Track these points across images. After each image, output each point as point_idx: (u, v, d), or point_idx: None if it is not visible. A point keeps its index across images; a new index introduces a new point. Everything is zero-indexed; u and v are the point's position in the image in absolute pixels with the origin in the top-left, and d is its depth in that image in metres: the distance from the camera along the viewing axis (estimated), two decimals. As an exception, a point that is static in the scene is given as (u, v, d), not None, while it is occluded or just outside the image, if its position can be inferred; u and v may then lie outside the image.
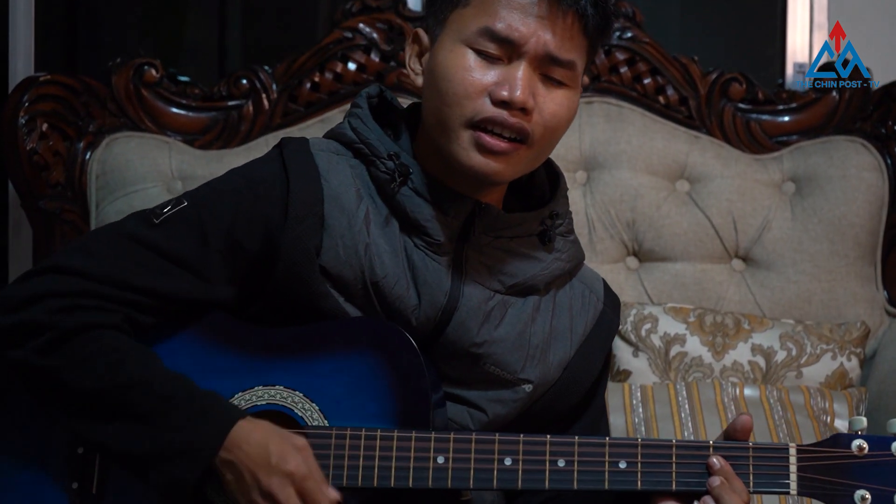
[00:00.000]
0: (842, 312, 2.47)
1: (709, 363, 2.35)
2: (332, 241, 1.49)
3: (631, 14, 2.57)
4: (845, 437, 1.43)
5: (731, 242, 2.50)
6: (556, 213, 1.58)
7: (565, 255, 1.60)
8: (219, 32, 3.12)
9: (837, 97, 2.54)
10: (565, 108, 1.50)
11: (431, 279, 1.50)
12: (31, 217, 2.48)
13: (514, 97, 1.45)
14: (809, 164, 2.51)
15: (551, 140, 1.52)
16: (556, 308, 1.59)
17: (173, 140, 2.50)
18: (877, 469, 1.41)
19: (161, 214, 1.50)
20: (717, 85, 2.55)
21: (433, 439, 1.42)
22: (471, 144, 1.47)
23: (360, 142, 1.53)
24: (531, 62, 1.47)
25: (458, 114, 1.47)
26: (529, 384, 1.56)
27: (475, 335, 1.52)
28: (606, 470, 1.42)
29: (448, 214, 1.51)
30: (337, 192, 1.50)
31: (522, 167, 1.51)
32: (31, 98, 2.42)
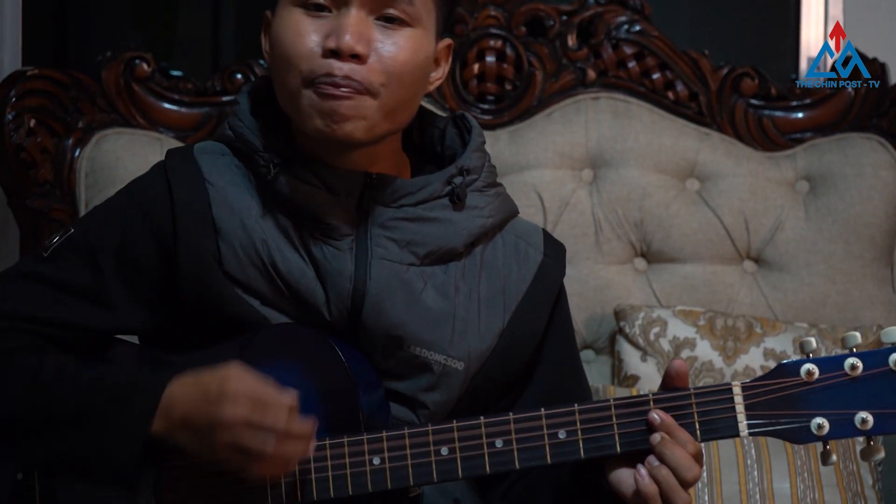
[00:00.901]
0: (857, 315, 2.45)
1: (720, 368, 2.34)
2: (228, 244, 1.46)
3: (639, 7, 2.55)
4: (792, 365, 1.35)
5: (743, 243, 2.48)
6: (465, 168, 1.51)
7: (486, 209, 1.53)
8: (212, 25, 3.12)
9: (853, 93, 2.52)
10: (407, 49, 1.44)
11: (332, 267, 1.46)
12: (17, 216, 2.47)
13: (340, 44, 1.40)
14: (824, 162, 2.49)
15: (400, 87, 1.44)
16: (483, 270, 1.53)
17: (165, 136, 2.49)
18: (830, 392, 1.34)
19: (49, 247, 1.49)
20: (729, 80, 2.53)
21: (365, 441, 1.39)
22: (314, 108, 1.42)
23: (236, 139, 1.50)
24: (362, 5, 1.43)
25: (296, 76, 1.43)
26: (460, 362, 1.49)
27: (391, 315, 1.47)
28: (546, 444, 1.38)
29: (339, 194, 1.46)
30: (224, 193, 1.48)
31: (380, 121, 1.44)
32: (18, 93, 2.40)
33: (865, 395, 1.33)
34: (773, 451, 2.19)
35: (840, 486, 2.19)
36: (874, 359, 1.34)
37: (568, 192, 2.46)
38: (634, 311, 2.37)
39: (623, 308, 2.39)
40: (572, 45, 2.52)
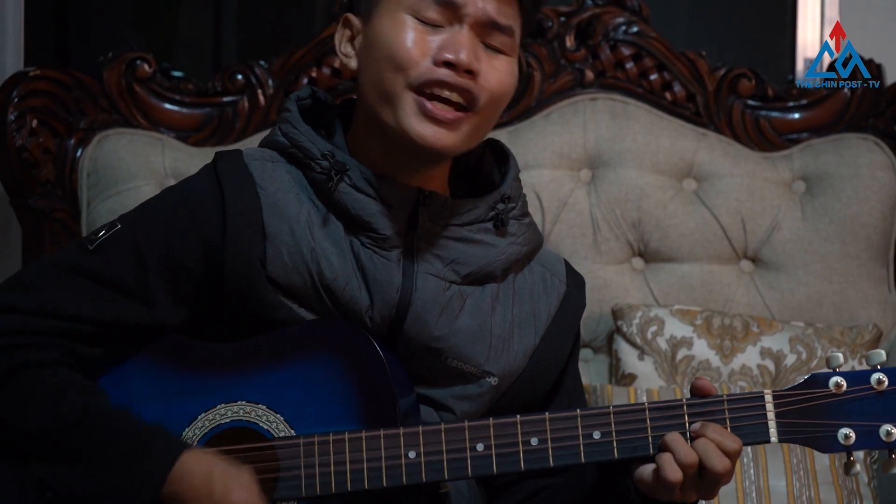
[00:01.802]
0: (853, 315, 2.45)
1: (717, 367, 2.33)
2: (276, 249, 1.47)
3: (637, 8, 2.55)
4: (821, 376, 1.39)
5: (740, 243, 2.47)
6: (507, 196, 1.56)
7: (521, 238, 1.57)
8: (214, 26, 3.13)
9: (849, 94, 2.53)
10: (508, 75, 1.51)
11: (381, 276, 1.48)
12: (20, 216, 2.47)
13: (459, 59, 1.45)
14: (820, 162, 2.49)
15: (496, 109, 1.52)
16: (516, 295, 1.57)
17: (166, 137, 2.49)
18: (857, 405, 1.38)
19: (95, 240, 1.48)
20: (726, 81, 2.53)
21: (402, 435, 1.40)
22: (415, 111, 1.47)
23: (292, 146, 1.52)
24: (473, 27, 1.48)
25: (402, 78, 1.46)
26: (494, 377, 1.54)
27: (433, 328, 1.50)
28: (581, 443, 1.40)
29: (392, 206, 1.49)
30: (275, 199, 1.49)
31: (468, 138, 1.50)
32: (20, 94, 2.40)
33: (891, 408, 1.38)
34: (770, 449, 2.20)
35: (836, 485, 2.19)
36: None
37: (566, 192, 2.45)
38: (632, 310, 2.37)
39: (621, 307, 2.39)
40: (570, 46, 2.52)
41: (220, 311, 1.48)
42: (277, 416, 1.45)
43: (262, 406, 1.45)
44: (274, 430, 1.44)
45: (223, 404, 1.46)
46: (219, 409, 1.46)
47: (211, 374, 1.48)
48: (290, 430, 1.44)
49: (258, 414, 1.45)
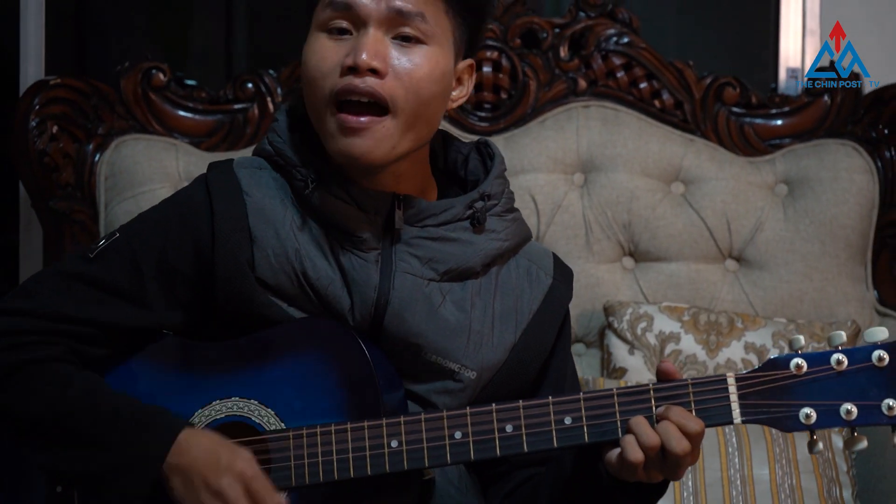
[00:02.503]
0: (833, 311, 2.46)
1: (703, 361, 2.34)
2: (263, 252, 1.48)
3: (628, 20, 2.56)
4: (783, 359, 1.38)
5: (725, 243, 2.49)
6: (487, 194, 1.54)
7: (502, 233, 1.55)
8: (225, 37, 3.11)
9: (829, 101, 2.53)
10: (424, 66, 1.46)
11: (359, 277, 1.48)
12: (41, 217, 2.48)
13: (357, 60, 1.42)
14: (801, 166, 2.50)
15: (418, 103, 1.46)
16: (498, 289, 1.55)
17: (180, 142, 2.50)
18: (818, 385, 1.37)
19: (95, 249, 1.50)
20: (712, 89, 2.54)
21: (384, 425, 1.41)
22: (336, 129, 1.45)
23: (276, 154, 1.52)
24: (379, 25, 1.45)
25: (320, 97, 1.45)
26: (472, 371, 1.52)
27: (411, 325, 1.49)
28: (553, 428, 1.40)
29: (368, 211, 1.49)
30: (261, 204, 1.50)
31: (396, 141, 1.46)
32: (41, 101, 2.42)
33: (850, 388, 1.36)
34: (754, 439, 2.20)
35: (816, 473, 2.20)
36: (858, 355, 1.37)
37: (560, 195, 2.46)
38: (623, 307, 2.38)
39: (612, 304, 2.40)
40: (564, 56, 2.53)
41: (214, 311, 1.49)
42: (269, 410, 1.46)
43: (254, 401, 1.47)
44: (266, 423, 1.46)
45: (218, 400, 1.48)
46: (214, 405, 1.48)
47: (206, 373, 1.49)
48: (280, 424, 1.45)
49: (251, 409, 1.47)
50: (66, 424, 1.42)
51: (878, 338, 1.37)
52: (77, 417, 1.42)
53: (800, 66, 2.70)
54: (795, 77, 2.70)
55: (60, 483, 1.48)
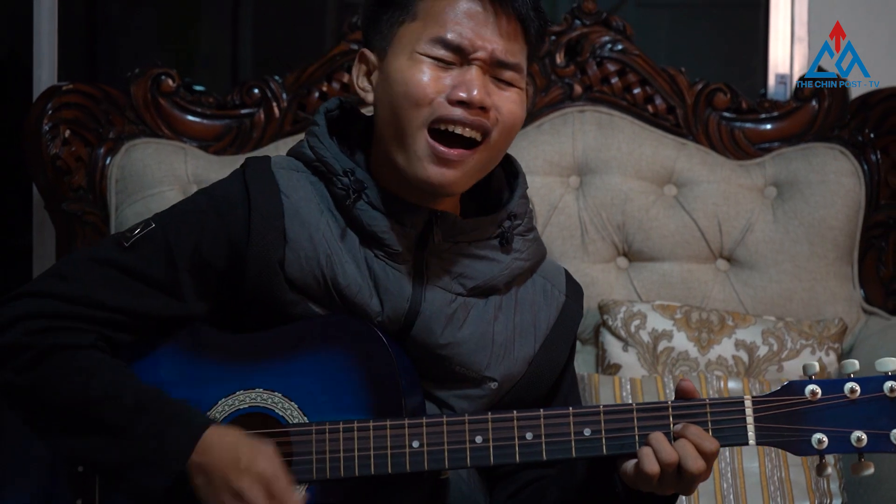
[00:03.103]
0: (821, 310, 2.46)
1: (695, 357, 2.34)
2: (294, 253, 1.48)
3: (622, 28, 2.56)
4: (798, 384, 1.40)
5: (716, 244, 2.49)
6: (513, 214, 1.56)
7: (525, 253, 1.58)
8: (232, 44, 3.11)
9: (817, 106, 2.53)
10: (519, 107, 1.50)
11: (393, 287, 1.49)
12: (54, 218, 2.48)
13: (472, 97, 1.45)
14: (790, 169, 2.50)
15: (507, 139, 1.51)
16: (518, 305, 1.58)
17: (189, 146, 2.50)
18: (831, 412, 1.38)
19: (131, 237, 1.49)
20: (703, 95, 2.55)
21: (407, 426, 1.41)
22: (427, 155, 1.46)
23: (316, 159, 1.53)
24: (482, 66, 1.47)
25: (416, 116, 1.46)
26: (495, 382, 1.54)
27: (439, 337, 1.51)
28: (573, 439, 1.40)
29: (405, 225, 1.50)
30: (297, 206, 1.50)
31: (476, 173, 1.50)
32: (54, 106, 2.42)
33: (862, 416, 1.38)
34: None
35: (804, 466, 2.21)
36: (871, 385, 1.38)
37: (556, 197, 2.47)
38: (617, 305, 2.39)
39: (606, 303, 2.41)
40: (560, 62, 2.54)
41: (241, 304, 1.49)
42: (292, 403, 1.46)
43: (277, 394, 1.46)
44: (288, 416, 1.46)
45: (242, 391, 1.47)
46: (238, 395, 1.47)
47: (231, 363, 1.49)
48: (303, 417, 1.45)
49: (274, 401, 1.46)
50: (91, 413, 1.41)
51: (889, 368, 1.39)
52: (104, 406, 1.41)
53: (788, 73, 2.70)
54: (784, 83, 2.70)
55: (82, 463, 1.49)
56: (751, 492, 2.18)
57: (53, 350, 1.43)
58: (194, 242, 1.48)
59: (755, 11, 2.82)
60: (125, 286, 1.47)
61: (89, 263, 1.49)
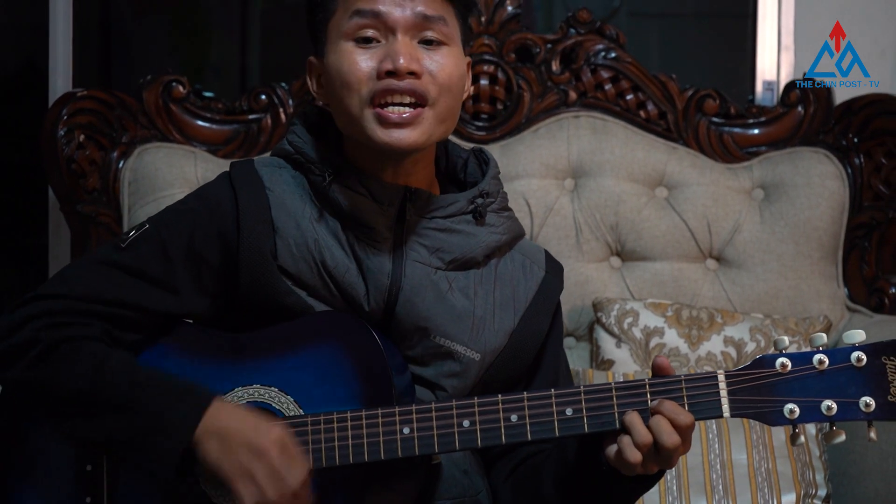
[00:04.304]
0: (806, 307, 2.46)
1: (685, 353, 2.35)
2: (284, 241, 1.50)
3: (615, 36, 2.57)
4: (769, 358, 1.40)
5: (706, 244, 2.50)
6: (485, 192, 1.58)
7: (500, 228, 1.59)
8: (240, 52, 3.11)
9: (802, 112, 2.53)
10: (450, 64, 1.50)
11: (373, 265, 1.51)
12: (69, 220, 2.49)
13: (397, 65, 1.46)
14: (777, 172, 2.50)
15: (450, 96, 1.50)
16: (497, 279, 1.59)
17: (198, 150, 2.51)
18: (801, 382, 1.39)
19: (126, 239, 1.51)
20: (693, 101, 2.55)
21: (397, 413, 1.42)
22: (375, 123, 1.47)
23: (295, 152, 1.55)
24: (406, 31, 1.48)
25: (357, 99, 1.47)
26: (477, 353, 1.55)
27: (421, 309, 1.52)
28: (555, 419, 1.41)
29: (382, 203, 1.52)
30: (281, 198, 1.52)
31: (431, 130, 1.50)
32: (69, 112, 2.43)
33: (830, 386, 1.39)
34: (732, 426, 2.21)
35: (791, 458, 2.21)
36: (838, 356, 1.39)
37: (552, 199, 2.47)
38: (610, 303, 2.39)
39: (600, 301, 2.41)
40: (556, 69, 2.54)
41: (238, 300, 1.50)
42: (288, 397, 1.47)
43: (274, 389, 1.47)
44: (285, 409, 1.46)
45: (240, 388, 1.48)
46: (236, 391, 1.48)
47: (229, 361, 1.49)
48: (299, 410, 1.46)
49: (271, 395, 1.47)
50: (103, 393, 1.41)
51: (856, 339, 1.39)
52: (114, 386, 1.41)
53: (775, 79, 2.70)
54: (771, 89, 2.70)
55: (90, 461, 1.49)
56: (739, 483, 2.17)
57: (61, 342, 1.44)
58: (187, 238, 1.50)
59: (743, 21, 2.82)
60: (124, 282, 1.48)
61: (89, 265, 1.51)
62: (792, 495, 2.18)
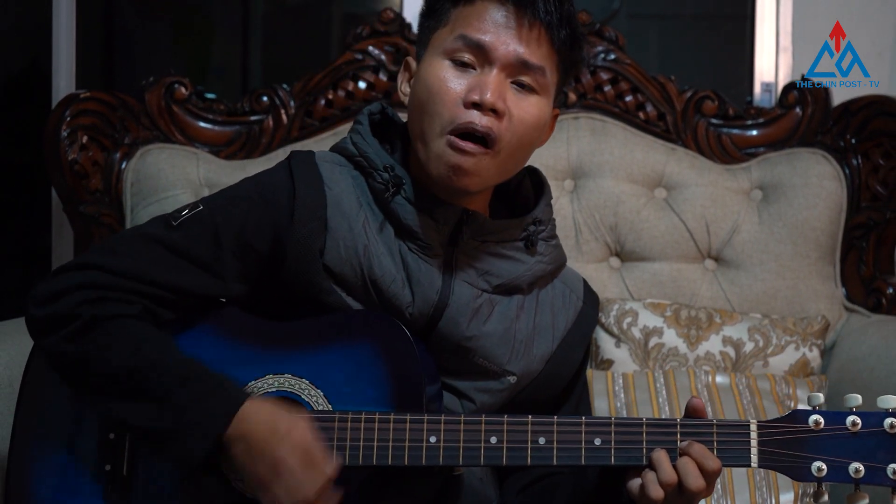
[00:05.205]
0: (804, 307, 2.46)
1: (684, 353, 2.35)
2: (334, 241, 1.49)
3: (614, 38, 2.57)
4: (803, 413, 1.40)
5: (704, 244, 2.50)
6: (538, 219, 1.58)
7: (547, 258, 1.59)
8: (242, 53, 3.13)
9: (800, 113, 2.53)
10: (534, 114, 1.49)
11: (424, 279, 1.50)
12: (72, 220, 2.49)
13: (484, 98, 1.44)
14: (775, 173, 2.50)
15: (519, 147, 1.49)
16: (539, 306, 1.59)
17: (200, 151, 2.51)
18: (832, 442, 1.39)
19: (179, 217, 1.50)
20: (692, 102, 2.55)
21: (426, 421, 1.41)
22: (446, 149, 1.46)
23: (359, 155, 1.54)
24: (503, 69, 1.47)
25: (437, 122, 1.47)
26: (514, 376, 1.55)
27: (465, 330, 1.52)
28: (583, 447, 1.40)
29: (438, 221, 1.51)
30: (339, 198, 1.51)
31: (490, 175, 1.49)
32: (72, 113, 2.43)
33: (861, 449, 1.38)
34: None
35: None
36: (872, 419, 1.39)
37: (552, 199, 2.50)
38: (609, 303, 2.39)
39: (600, 301, 2.28)
40: None
41: (279, 291, 1.50)
42: (318, 391, 1.47)
43: (305, 380, 1.47)
44: (314, 403, 1.46)
45: (271, 375, 1.48)
46: (267, 378, 1.48)
47: (263, 348, 1.49)
48: (327, 405, 1.46)
49: (301, 387, 1.47)
50: (139, 380, 1.41)
51: (891, 405, 1.39)
52: (150, 374, 1.40)
53: (773, 81, 2.71)
54: (769, 91, 2.70)
55: (113, 430, 1.49)
56: (738, 482, 2.17)
57: (103, 319, 1.43)
58: (240, 225, 1.49)
59: (742, 23, 2.82)
60: (170, 263, 1.47)
61: (138, 239, 1.50)
62: (790, 494, 2.17)
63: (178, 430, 1.38)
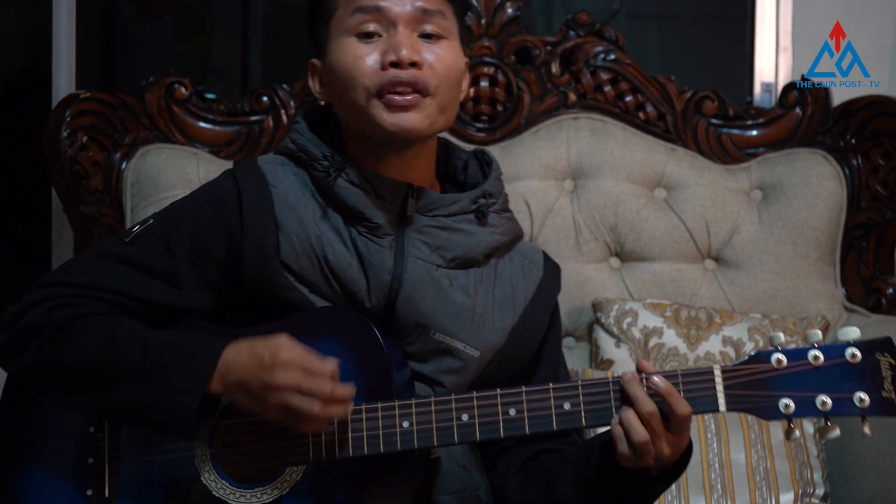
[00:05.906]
0: (804, 307, 2.45)
1: (684, 353, 2.34)
2: (287, 237, 1.50)
3: (614, 38, 2.56)
4: (765, 354, 1.41)
5: (704, 244, 2.49)
6: (488, 192, 1.59)
7: (500, 229, 1.60)
8: (242, 54, 3.13)
9: (800, 113, 2.52)
10: (450, 56, 1.53)
11: (375, 261, 1.51)
12: (72, 220, 2.49)
13: (400, 56, 1.48)
14: (775, 173, 2.49)
15: (449, 87, 1.53)
16: (497, 279, 1.59)
17: (200, 151, 2.50)
18: (796, 378, 1.39)
19: (131, 233, 1.53)
20: (692, 102, 2.54)
21: (397, 407, 1.42)
22: (382, 110, 1.49)
23: (298, 150, 1.56)
24: (406, 24, 1.51)
25: (363, 91, 1.50)
26: (476, 350, 1.55)
27: (422, 306, 1.52)
28: (553, 413, 1.42)
29: (385, 199, 1.52)
30: (284, 194, 1.53)
31: (434, 117, 1.52)
32: (72, 113, 2.42)
33: (825, 381, 1.39)
34: (731, 426, 2.20)
35: (789, 457, 2.20)
36: (833, 352, 1.40)
37: (552, 199, 2.47)
38: (609, 303, 2.38)
39: (600, 301, 2.41)
40: (556, 71, 2.53)
41: (241, 296, 1.51)
42: None
43: None
44: None
45: None
46: None
47: None
48: None
49: None
50: (117, 363, 1.42)
51: (850, 336, 1.40)
52: (127, 354, 1.42)
53: (773, 81, 2.71)
54: (769, 91, 2.70)
55: (93, 454, 1.49)
56: (737, 482, 2.17)
57: (72, 319, 1.45)
58: (191, 232, 1.51)
59: (742, 23, 2.82)
60: (127, 274, 1.50)
61: (94, 257, 1.53)
62: (790, 494, 2.17)
63: (163, 398, 1.39)
